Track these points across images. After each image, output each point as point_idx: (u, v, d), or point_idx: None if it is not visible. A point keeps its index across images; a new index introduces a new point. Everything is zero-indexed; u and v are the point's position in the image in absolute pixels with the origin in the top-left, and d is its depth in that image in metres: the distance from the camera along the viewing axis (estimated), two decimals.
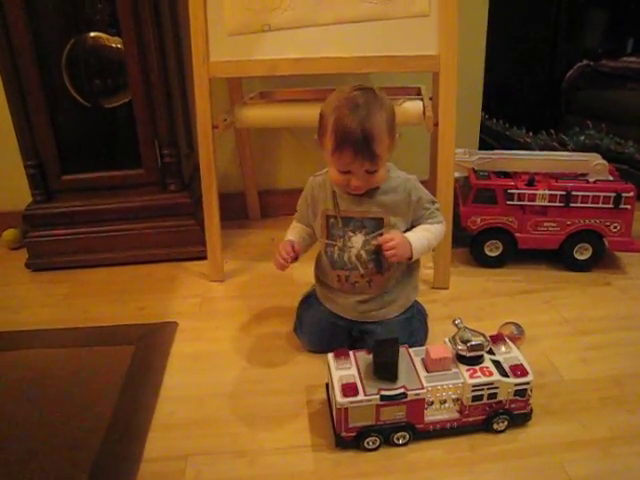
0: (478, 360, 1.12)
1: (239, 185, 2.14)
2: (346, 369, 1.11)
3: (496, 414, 1.11)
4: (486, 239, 1.72)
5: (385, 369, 1.07)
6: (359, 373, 1.10)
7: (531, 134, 2.03)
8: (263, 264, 1.83)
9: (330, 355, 1.16)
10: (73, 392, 1.29)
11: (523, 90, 2.73)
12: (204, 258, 1.76)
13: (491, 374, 1.09)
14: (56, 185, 1.84)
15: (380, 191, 1.24)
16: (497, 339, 1.19)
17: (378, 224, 1.25)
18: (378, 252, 1.25)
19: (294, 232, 1.37)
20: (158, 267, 1.84)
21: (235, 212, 2.14)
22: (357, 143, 1.12)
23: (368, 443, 1.08)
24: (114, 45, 1.89)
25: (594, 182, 1.64)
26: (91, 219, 1.85)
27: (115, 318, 1.57)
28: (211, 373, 1.34)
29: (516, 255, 1.74)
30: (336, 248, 1.28)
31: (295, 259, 1.28)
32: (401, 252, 1.21)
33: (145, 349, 1.43)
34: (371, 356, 1.11)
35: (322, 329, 1.35)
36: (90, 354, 1.43)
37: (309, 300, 1.43)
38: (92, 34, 1.91)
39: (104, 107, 1.97)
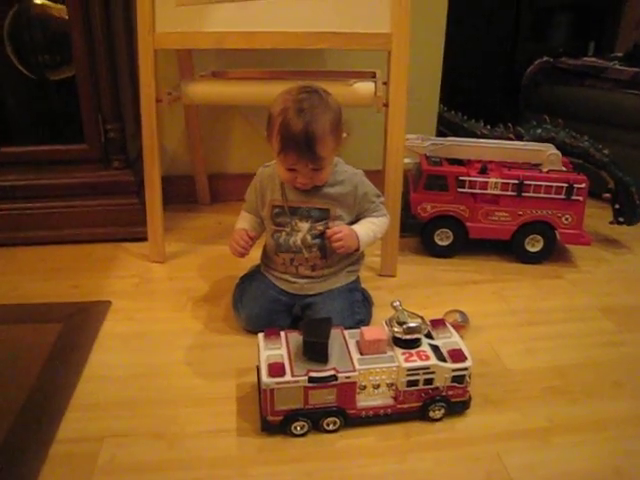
0: (415, 343, 1.07)
1: (188, 168, 2.06)
2: (275, 349, 1.05)
3: (432, 401, 1.06)
4: (436, 227, 1.67)
5: (315, 349, 1.01)
6: (289, 354, 1.04)
7: (489, 127, 2.00)
8: (207, 247, 1.76)
9: (260, 335, 1.10)
10: None
11: (483, 85, 2.71)
12: (147, 239, 1.68)
13: (428, 358, 1.04)
14: None
15: (327, 184, 1.27)
16: (437, 324, 1.15)
17: (324, 214, 1.28)
18: (322, 237, 1.27)
19: (245, 221, 1.38)
20: (98, 247, 1.75)
21: (184, 196, 2.07)
22: (300, 146, 1.16)
23: (296, 428, 1.02)
24: (62, 15, 1.80)
25: (547, 172, 1.62)
26: (29, 195, 1.75)
27: (45, 296, 1.49)
28: (140, 354, 1.27)
29: (467, 245, 1.70)
30: (283, 233, 1.30)
31: (251, 246, 1.30)
32: (348, 243, 1.26)
33: (73, 328, 1.35)
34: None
35: (263, 303, 1.32)
36: (13, 332, 1.34)
37: (252, 275, 1.41)
38: (37, 1, 1.82)
39: (49, 79, 1.88)
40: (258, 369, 1.12)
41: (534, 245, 1.67)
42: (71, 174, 1.75)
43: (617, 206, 1.77)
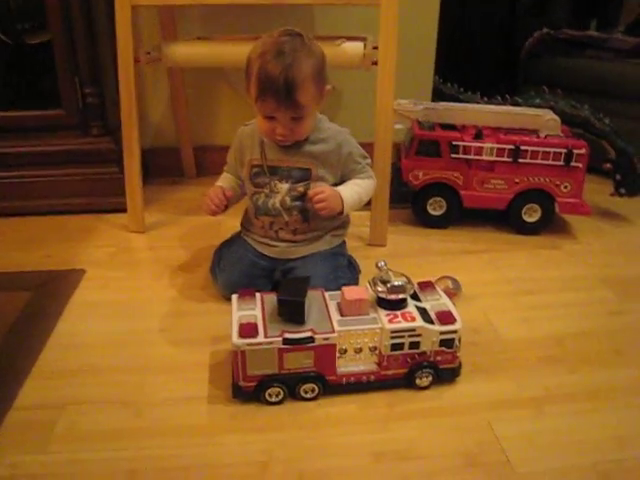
0: (400, 305, 1.00)
1: (174, 140, 1.98)
2: (249, 309, 0.98)
3: (419, 367, 0.99)
4: (429, 196, 1.59)
5: (290, 308, 0.94)
6: (263, 315, 0.97)
7: (485, 99, 1.92)
8: (190, 218, 1.68)
9: (234, 296, 1.02)
10: None
11: (481, 58, 2.63)
12: (127, 210, 1.61)
13: (413, 319, 0.97)
14: None
15: (309, 141, 1.20)
16: (425, 286, 1.08)
17: (305, 175, 1.21)
18: (303, 200, 1.20)
19: (224, 181, 1.32)
20: (75, 217, 1.67)
21: (169, 169, 1.99)
22: (279, 91, 1.08)
23: (270, 395, 0.95)
24: None
25: (544, 137, 1.54)
26: (3, 163, 1.67)
27: (17, 265, 1.42)
28: (111, 321, 1.20)
29: (461, 216, 1.62)
30: (262, 194, 1.22)
31: (226, 206, 1.24)
32: (331, 205, 1.18)
33: (42, 296, 1.28)
34: None
35: (241, 267, 1.24)
36: None
37: (232, 240, 1.34)
38: None
39: (26, 43, 1.79)
40: None
41: (531, 215, 1.59)
42: (47, 141, 1.67)
43: (618, 177, 1.69)
